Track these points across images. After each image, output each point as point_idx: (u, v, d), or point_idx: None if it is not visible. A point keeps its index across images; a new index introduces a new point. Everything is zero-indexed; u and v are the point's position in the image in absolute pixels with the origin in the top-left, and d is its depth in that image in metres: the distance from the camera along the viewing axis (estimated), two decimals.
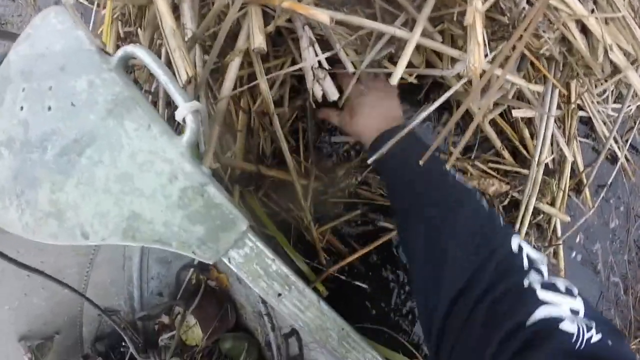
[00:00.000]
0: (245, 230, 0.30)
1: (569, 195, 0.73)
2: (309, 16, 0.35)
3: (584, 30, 0.45)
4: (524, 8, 0.40)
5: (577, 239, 0.83)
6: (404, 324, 0.73)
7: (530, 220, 0.65)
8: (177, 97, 0.29)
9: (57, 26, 0.31)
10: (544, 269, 0.32)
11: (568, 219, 0.71)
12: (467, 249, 0.34)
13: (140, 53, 0.30)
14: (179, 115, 0.28)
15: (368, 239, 0.68)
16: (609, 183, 0.82)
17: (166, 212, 0.29)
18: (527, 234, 0.67)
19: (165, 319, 0.66)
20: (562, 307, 0.28)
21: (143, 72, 0.55)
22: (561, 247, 0.74)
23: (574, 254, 0.83)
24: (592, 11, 0.45)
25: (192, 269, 0.67)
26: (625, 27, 0.47)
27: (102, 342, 0.64)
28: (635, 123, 0.83)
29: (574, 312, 0.28)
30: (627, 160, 0.83)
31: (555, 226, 0.72)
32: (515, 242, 0.34)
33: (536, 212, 0.68)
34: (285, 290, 0.32)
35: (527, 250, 0.33)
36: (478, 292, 0.31)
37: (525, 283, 0.30)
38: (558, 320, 0.26)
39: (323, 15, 0.34)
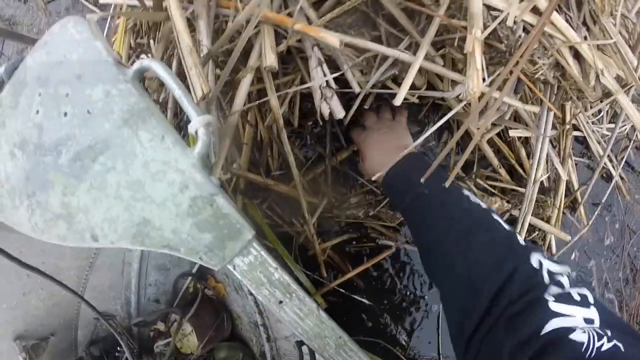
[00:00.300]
0: (251, 239, 0.31)
1: (564, 213, 0.74)
2: (320, 39, 0.37)
3: (577, 55, 0.47)
4: (520, 36, 0.42)
5: (572, 256, 0.84)
6: (401, 338, 0.73)
7: (525, 237, 0.66)
8: (190, 110, 0.30)
9: (75, 36, 0.31)
10: (565, 280, 0.33)
11: (568, 237, 0.71)
12: (488, 272, 0.35)
13: (156, 67, 0.31)
14: (192, 128, 0.29)
15: (368, 254, 0.69)
16: (602, 201, 0.83)
17: (176, 219, 0.29)
18: None
19: (161, 326, 0.66)
20: (575, 318, 0.29)
21: (153, 82, 0.56)
22: None
23: None
24: (585, 38, 0.47)
25: (189, 278, 0.67)
26: (617, 53, 0.48)
27: (96, 346, 0.64)
28: (630, 142, 0.84)
29: (588, 321, 0.29)
30: (622, 178, 0.84)
31: (550, 243, 0.73)
32: (535, 259, 0.34)
33: (532, 229, 0.69)
34: (287, 298, 0.33)
35: (547, 265, 0.34)
36: (499, 310, 0.32)
37: (544, 297, 0.31)
38: (570, 330, 0.28)
39: (333, 39, 0.36)
